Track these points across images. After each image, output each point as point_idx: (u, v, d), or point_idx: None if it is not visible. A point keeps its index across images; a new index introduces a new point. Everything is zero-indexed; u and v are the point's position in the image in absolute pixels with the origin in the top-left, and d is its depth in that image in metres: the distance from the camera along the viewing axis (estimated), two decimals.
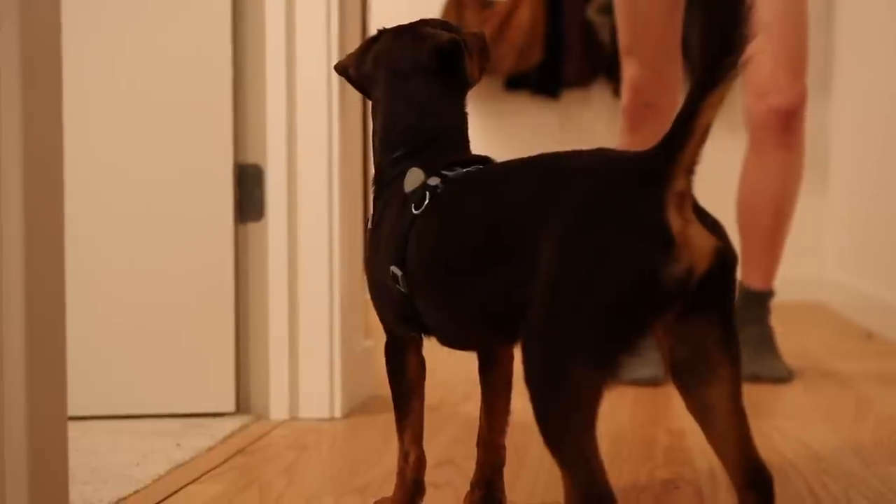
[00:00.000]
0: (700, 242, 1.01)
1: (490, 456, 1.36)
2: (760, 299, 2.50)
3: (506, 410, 1.36)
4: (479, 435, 1.37)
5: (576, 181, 1.07)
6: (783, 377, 2.36)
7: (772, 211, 2.46)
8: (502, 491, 1.37)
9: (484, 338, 1.27)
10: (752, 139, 2.42)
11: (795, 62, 2.34)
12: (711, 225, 1.04)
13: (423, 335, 1.31)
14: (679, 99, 2.59)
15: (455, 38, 1.33)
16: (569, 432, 1.00)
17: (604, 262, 0.99)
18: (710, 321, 1.06)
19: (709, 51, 0.98)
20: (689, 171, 1.01)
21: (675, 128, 1.01)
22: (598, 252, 1.00)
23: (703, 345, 1.06)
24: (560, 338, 1.01)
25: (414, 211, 1.26)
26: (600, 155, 1.11)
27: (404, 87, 1.33)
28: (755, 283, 2.49)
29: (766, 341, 2.47)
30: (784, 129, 2.37)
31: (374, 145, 1.37)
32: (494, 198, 1.18)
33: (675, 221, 0.99)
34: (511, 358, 1.35)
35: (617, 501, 0.99)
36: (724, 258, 1.03)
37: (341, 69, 1.42)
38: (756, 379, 2.30)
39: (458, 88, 1.35)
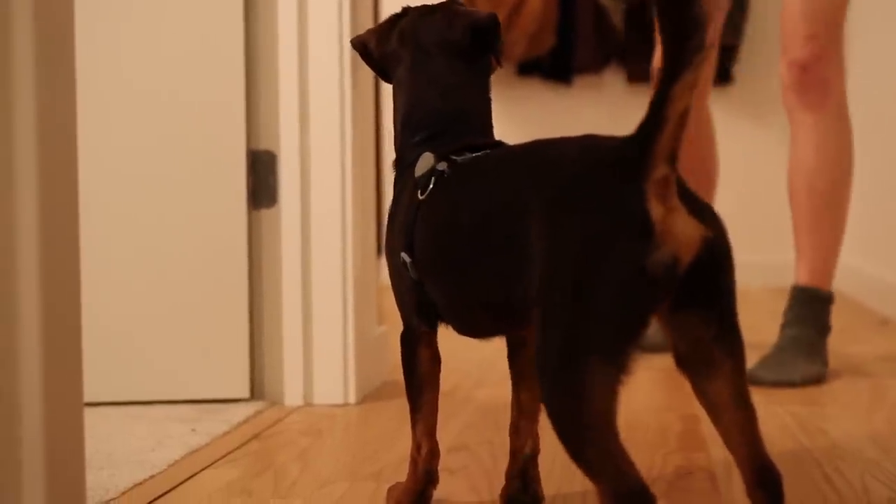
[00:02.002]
0: (684, 230, 0.99)
1: (520, 443, 1.34)
2: (807, 298, 2.21)
3: (536, 399, 1.31)
4: (510, 424, 1.35)
5: (555, 174, 1.06)
6: (788, 381, 2.09)
7: (805, 189, 2.20)
8: (538, 482, 1.35)
9: (493, 326, 1.27)
10: (787, 115, 2.26)
11: (814, 23, 2.17)
12: (702, 212, 1.02)
13: (438, 323, 1.29)
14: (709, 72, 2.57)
15: (494, 14, 1.31)
16: (588, 438, 0.97)
17: (587, 260, 0.98)
18: (705, 317, 1.04)
19: (671, 37, 0.97)
20: (671, 158, 0.99)
21: (648, 116, 0.99)
22: (579, 246, 0.99)
23: (701, 340, 1.05)
24: (560, 342, 0.99)
25: (419, 196, 1.25)
26: (583, 143, 1.10)
27: (430, 66, 1.31)
28: (802, 279, 2.22)
29: (799, 345, 2.17)
30: (803, 85, 2.18)
31: (394, 127, 1.36)
32: (487, 186, 1.17)
33: (655, 210, 0.98)
34: None
35: (655, 497, 0.96)
36: (713, 247, 1.01)
37: (359, 45, 1.38)
38: (758, 382, 2.04)
39: (483, 71, 1.33)
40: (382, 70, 1.38)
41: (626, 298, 0.97)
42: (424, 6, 1.36)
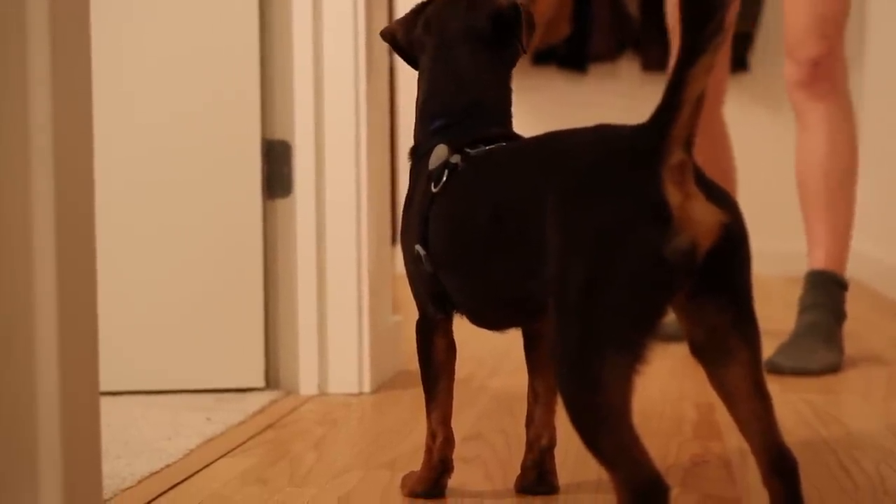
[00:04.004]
0: (703, 217, 0.98)
1: (536, 434, 1.34)
2: (821, 282, 2.22)
3: (553, 390, 1.32)
4: (527, 414, 1.35)
5: (570, 165, 1.05)
6: (806, 369, 2.10)
7: (819, 173, 2.25)
8: (554, 473, 1.35)
9: (509, 318, 1.27)
10: (794, 109, 2.31)
11: (825, 24, 2.23)
12: (719, 198, 1.01)
13: (453, 313, 1.30)
14: (723, 79, 2.54)
15: (516, 3, 1.31)
16: (604, 428, 0.97)
17: (604, 249, 0.97)
18: (722, 304, 1.03)
19: (689, 19, 0.96)
20: (687, 144, 0.98)
21: (663, 101, 0.98)
22: (595, 235, 0.98)
23: (718, 328, 1.04)
24: (576, 333, 0.98)
25: (433, 189, 1.25)
26: (597, 132, 1.09)
27: (451, 55, 1.31)
28: (816, 263, 2.24)
29: (816, 333, 2.17)
30: (814, 79, 2.24)
31: (415, 115, 1.36)
32: (500, 179, 1.17)
33: (673, 196, 0.97)
34: None
35: (669, 486, 0.96)
36: (730, 233, 1.00)
37: (388, 35, 1.39)
38: (777, 370, 2.09)
39: (506, 60, 1.33)
40: (412, 60, 1.38)
41: (644, 287, 0.97)
42: None
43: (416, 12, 1.37)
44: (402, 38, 1.37)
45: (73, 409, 1.09)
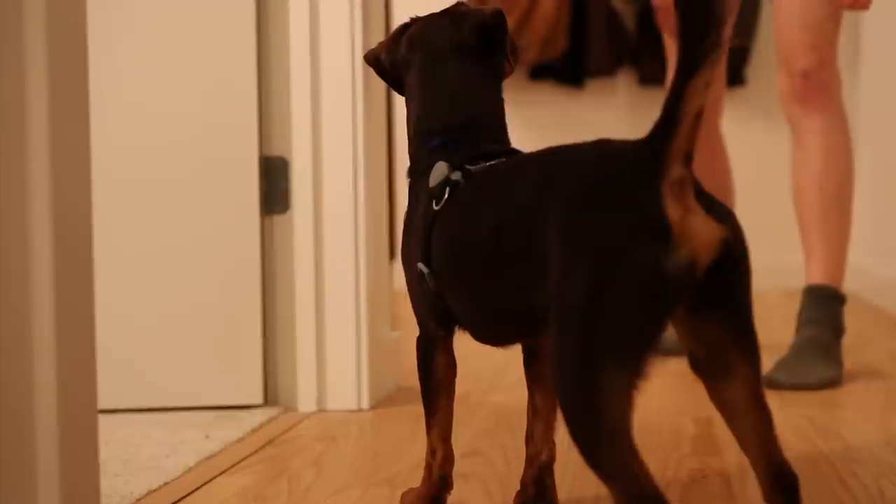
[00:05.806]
0: (703, 232, 0.98)
1: (536, 450, 1.33)
2: (820, 298, 2.22)
3: (553, 405, 1.31)
4: (527, 430, 1.34)
5: (570, 180, 1.05)
6: (805, 384, 2.09)
7: (815, 188, 2.25)
8: (553, 489, 1.34)
9: (512, 334, 1.26)
10: (789, 123, 2.31)
11: (815, 34, 2.23)
12: (719, 214, 1.01)
13: (455, 329, 1.29)
14: (720, 92, 2.55)
15: (499, 10, 1.31)
16: (604, 443, 0.97)
17: (604, 264, 0.97)
18: (722, 320, 1.03)
19: (687, 33, 0.96)
20: (687, 158, 0.98)
21: (663, 115, 0.98)
22: (595, 250, 0.98)
23: (717, 343, 1.04)
24: (576, 347, 0.98)
25: (434, 207, 1.25)
26: (597, 148, 1.09)
27: (440, 71, 1.31)
28: (814, 278, 2.24)
29: (815, 347, 2.16)
30: (806, 92, 2.24)
31: (408, 134, 1.36)
32: (502, 195, 1.17)
33: (673, 211, 0.97)
34: None
35: (669, 502, 0.95)
36: (730, 249, 1.00)
37: (371, 58, 1.39)
38: (776, 385, 2.08)
39: (495, 73, 1.33)
40: (396, 82, 1.38)
41: (644, 302, 0.97)
42: (431, 13, 1.36)
43: (400, 32, 1.37)
44: (386, 59, 1.37)
45: (71, 426, 1.08)
